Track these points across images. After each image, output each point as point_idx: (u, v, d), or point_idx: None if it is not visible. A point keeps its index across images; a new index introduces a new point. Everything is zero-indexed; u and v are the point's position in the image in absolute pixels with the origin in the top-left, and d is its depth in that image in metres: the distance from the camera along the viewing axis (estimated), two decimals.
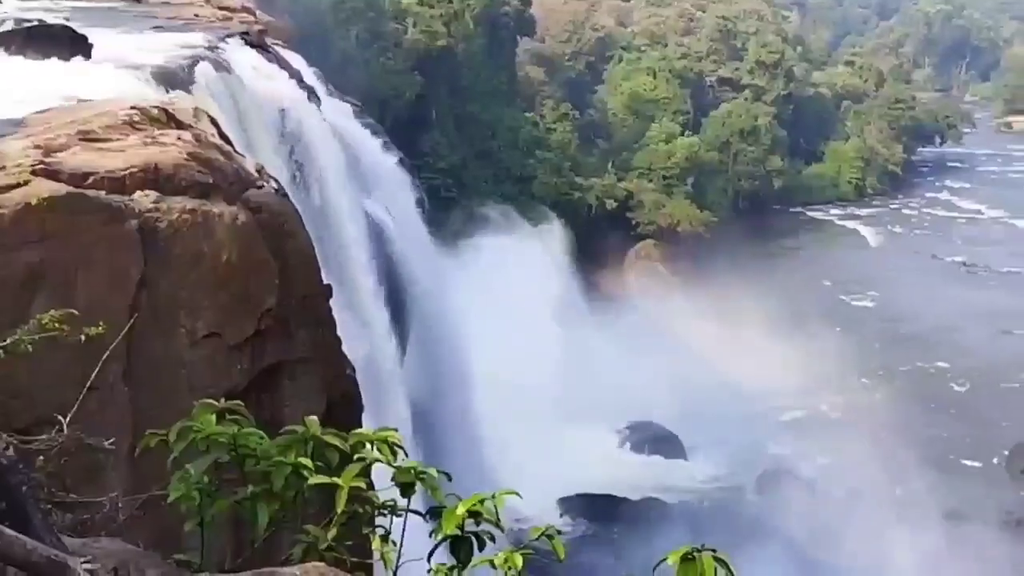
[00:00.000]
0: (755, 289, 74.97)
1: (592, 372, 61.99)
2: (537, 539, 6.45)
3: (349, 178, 41.04)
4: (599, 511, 55.64)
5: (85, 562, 5.36)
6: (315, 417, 6.61)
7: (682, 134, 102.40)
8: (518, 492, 6.51)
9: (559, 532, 6.52)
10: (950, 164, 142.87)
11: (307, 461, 6.34)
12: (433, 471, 6.55)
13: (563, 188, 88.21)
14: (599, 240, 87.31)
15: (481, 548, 6.44)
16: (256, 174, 19.59)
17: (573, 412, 58.75)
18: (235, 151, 20.48)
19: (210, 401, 6.48)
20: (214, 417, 6.38)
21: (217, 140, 19.85)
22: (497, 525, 6.42)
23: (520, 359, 57.83)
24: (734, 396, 66.83)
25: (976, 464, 58.88)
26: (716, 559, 6.45)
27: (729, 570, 6.48)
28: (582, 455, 57.70)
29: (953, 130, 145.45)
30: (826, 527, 51.52)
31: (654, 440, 62.73)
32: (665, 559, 6.52)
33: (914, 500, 53.42)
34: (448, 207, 72.50)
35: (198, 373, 17.03)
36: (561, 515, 54.06)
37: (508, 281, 67.63)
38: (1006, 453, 60.79)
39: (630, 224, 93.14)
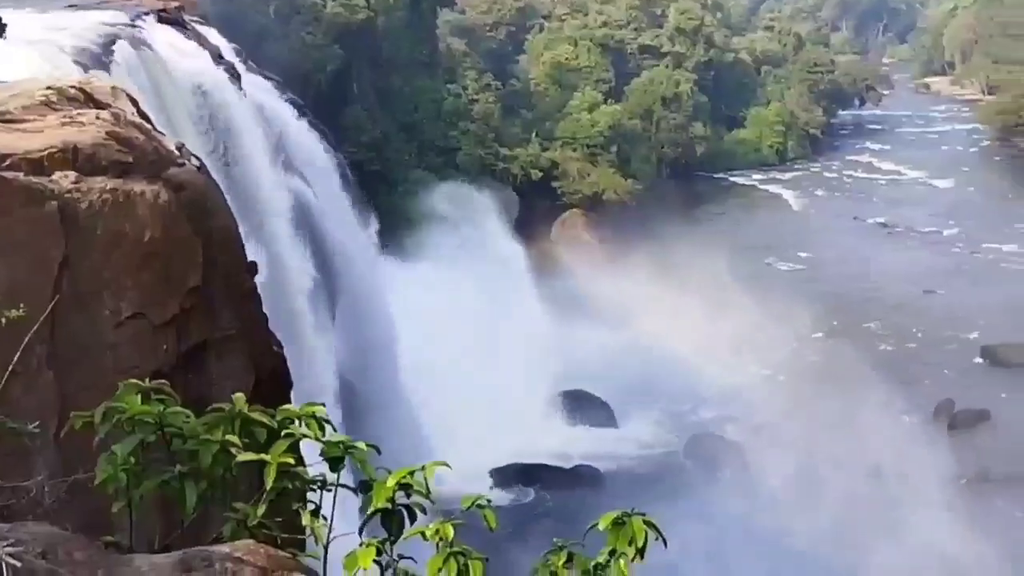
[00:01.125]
0: (682, 255, 75.30)
1: (522, 341, 62.02)
2: (468, 509, 6.47)
3: (271, 154, 40.80)
4: (531, 480, 55.88)
5: (8, 545, 5.31)
6: (241, 394, 6.58)
7: (605, 102, 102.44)
8: (447, 463, 6.53)
9: (489, 502, 6.55)
10: (869, 126, 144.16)
11: (234, 438, 6.32)
12: (362, 445, 6.54)
13: (487, 159, 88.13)
14: (525, 210, 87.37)
15: (412, 520, 6.44)
16: (177, 152, 19.41)
17: (504, 382, 58.77)
18: (155, 129, 20.28)
19: (135, 381, 6.43)
20: (139, 397, 6.34)
21: (136, 119, 19.62)
22: (427, 497, 6.43)
23: (450, 330, 57.83)
24: (665, 361, 67.12)
25: (903, 421, 59.62)
26: (646, 523, 6.51)
27: (659, 533, 6.55)
28: (514, 426, 57.80)
29: (872, 92, 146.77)
30: (758, 489, 52.01)
31: (586, 408, 62.94)
32: (596, 524, 6.57)
33: (843, 458, 54.09)
34: (372, 180, 72.13)
35: (123, 354, 16.88)
36: (493, 486, 54.18)
37: (436, 252, 67.64)
38: (931, 411, 61.69)
39: (555, 194, 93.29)
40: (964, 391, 62.80)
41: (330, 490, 6.55)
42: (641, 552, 6.47)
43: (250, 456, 6.30)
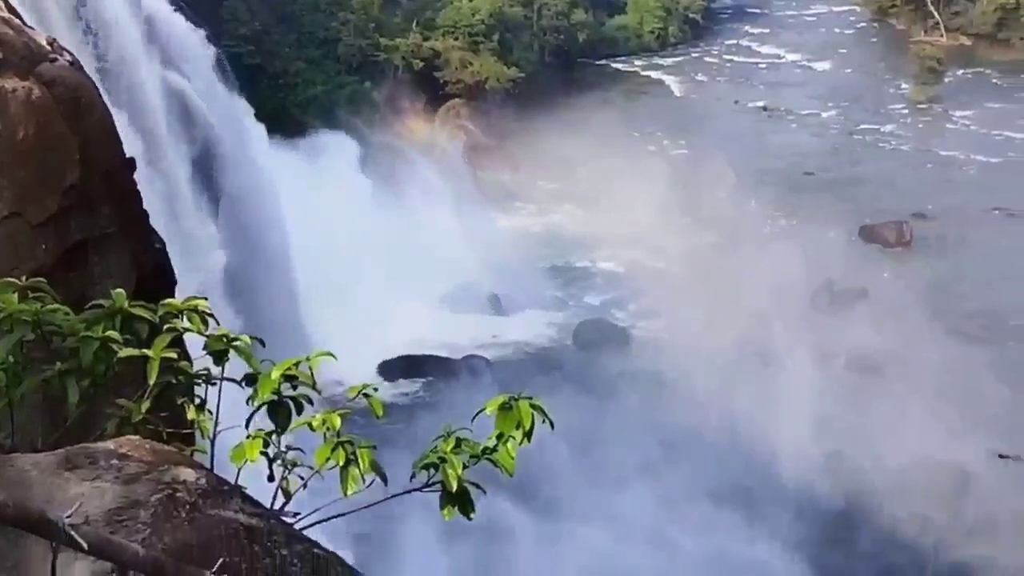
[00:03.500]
0: (567, 143, 75.37)
1: (408, 234, 61.86)
2: (355, 398, 6.48)
3: (146, 48, 40.03)
4: (421, 372, 56.07)
5: None
6: (122, 290, 6.49)
7: None
8: (332, 354, 6.51)
9: (376, 390, 6.57)
10: (749, 10, 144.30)
11: (115, 334, 6.24)
12: (245, 338, 6.51)
13: (368, 50, 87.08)
14: (408, 101, 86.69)
15: (300, 412, 6.44)
16: (48, 47, 18.92)
17: (391, 276, 58.68)
18: (24, 24, 19.75)
19: (11, 279, 6.32)
20: (16, 295, 6.23)
21: (4, 13, 19.08)
22: (313, 387, 6.43)
23: (337, 226, 57.53)
24: (553, 250, 67.55)
25: (785, 302, 60.47)
26: (533, 406, 6.56)
27: (545, 416, 6.61)
28: (402, 319, 57.85)
29: None
30: (642, 373, 52.67)
31: (473, 299, 63.09)
32: (484, 409, 6.62)
33: (727, 340, 55.01)
34: (252, 73, 71.02)
35: (1, 255, 16.59)
36: (383, 378, 54.32)
37: (319, 147, 67.06)
38: (812, 290, 62.55)
39: (438, 83, 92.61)
40: (843, 269, 63.73)
41: (215, 384, 6.52)
42: (528, 435, 6.53)
43: (132, 352, 6.23)
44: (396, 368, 55.95)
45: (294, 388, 6.42)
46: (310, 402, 6.50)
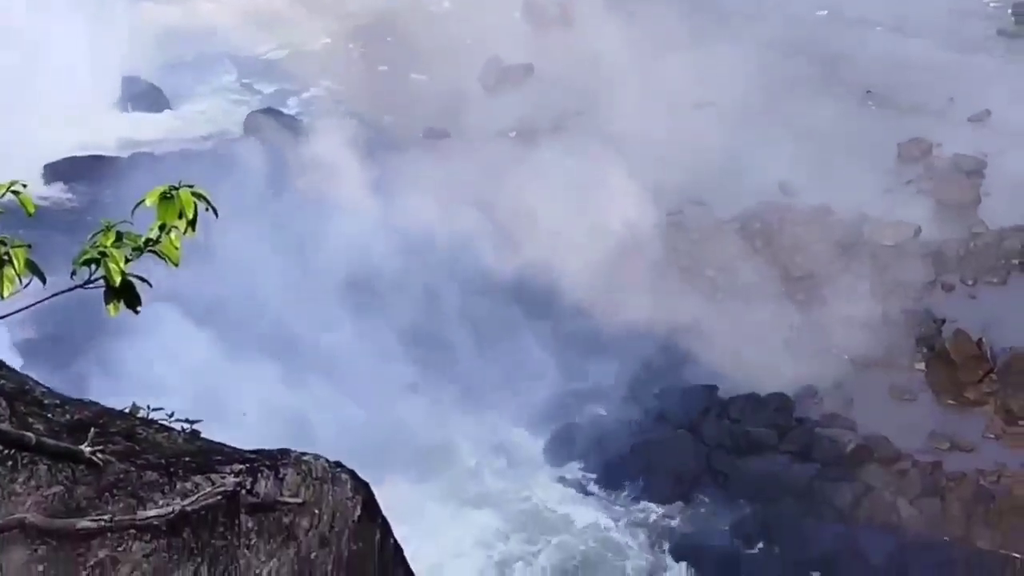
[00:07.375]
0: None
1: (62, 35, 58.76)
2: (3, 196, 6.22)
3: None
4: (87, 173, 53.96)
5: None
6: None
7: None
8: None
9: (25, 187, 6.31)
10: None
11: None
12: None
13: None
14: None
15: None
16: None
17: (49, 79, 56.00)
18: None
19: None
20: None
21: None
22: None
23: None
24: (207, 40, 65.58)
25: (443, 86, 60.53)
26: (195, 194, 6.44)
27: (209, 204, 6.50)
28: (61, 117, 55.59)
29: None
30: (312, 160, 52.25)
31: (136, 95, 61.03)
32: (143, 201, 6.45)
33: (391, 122, 55.53)
34: None
35: None
36: (48, 182, 52.51)
37: None
38: (478, 70, 62.54)
39: None
40: (509, 46, 63.86)
41: None
42: (192, 224, 6.41)
43: None
44: (61, 170, 53.76)
45: None
46: None
